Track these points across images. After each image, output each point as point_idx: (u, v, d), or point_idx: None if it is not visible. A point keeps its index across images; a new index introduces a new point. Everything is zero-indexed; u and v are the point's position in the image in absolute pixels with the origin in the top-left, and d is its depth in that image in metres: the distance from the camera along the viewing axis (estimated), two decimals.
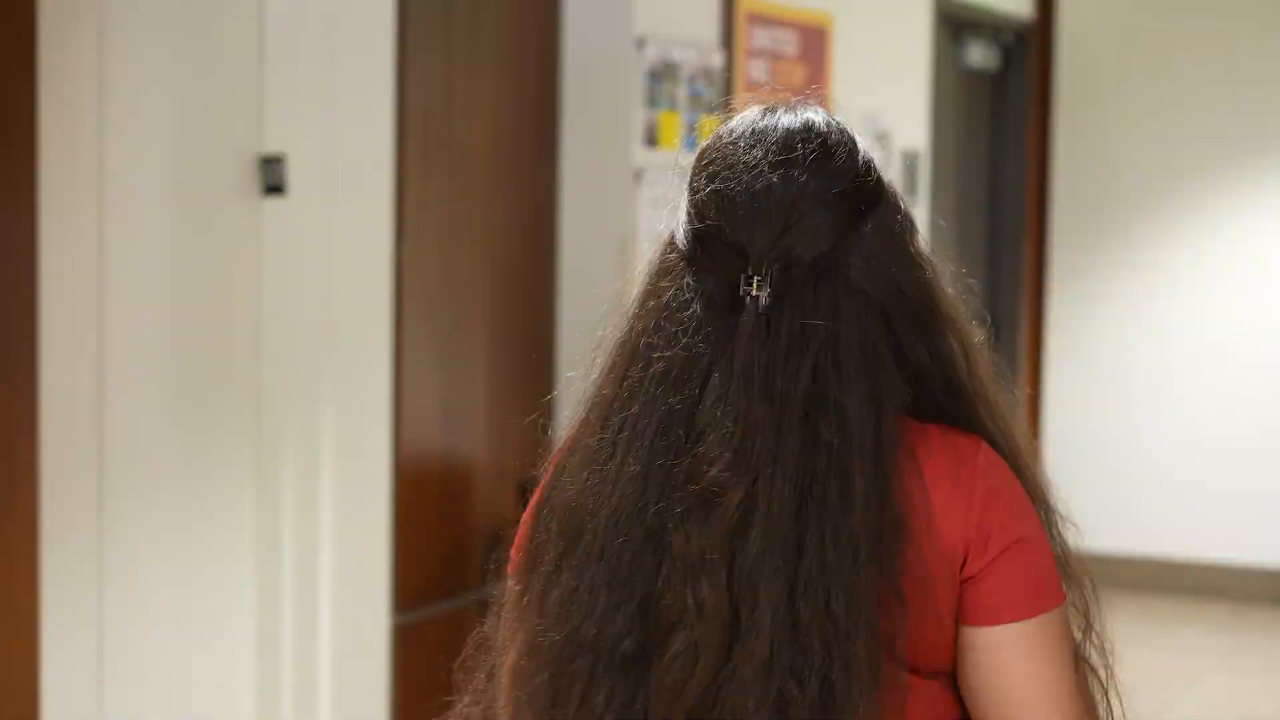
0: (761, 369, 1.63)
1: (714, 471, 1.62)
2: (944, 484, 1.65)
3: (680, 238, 1.73)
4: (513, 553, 1.80)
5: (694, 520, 1.62)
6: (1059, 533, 1.75)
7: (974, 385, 1.74)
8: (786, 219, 1.67)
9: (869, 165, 1.73)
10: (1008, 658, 1.65)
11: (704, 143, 1.76)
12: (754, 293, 1.65)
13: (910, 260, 1.72)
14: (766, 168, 1.69)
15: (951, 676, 1.69)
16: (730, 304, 1.67)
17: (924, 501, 1.64)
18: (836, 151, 1.71)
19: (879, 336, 1.67)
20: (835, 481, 1.61)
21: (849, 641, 1.58)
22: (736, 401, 1.63)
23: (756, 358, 1.64)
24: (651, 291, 1.73)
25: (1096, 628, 1.76)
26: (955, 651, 1.67)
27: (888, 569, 1.60)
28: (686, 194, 1.74)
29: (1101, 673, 1.76)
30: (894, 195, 1.75)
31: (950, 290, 1.76)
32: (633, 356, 1.70)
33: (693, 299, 1.68)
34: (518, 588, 1.75)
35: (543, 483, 1.79)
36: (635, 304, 1.75)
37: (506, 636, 1.76)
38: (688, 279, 1.70)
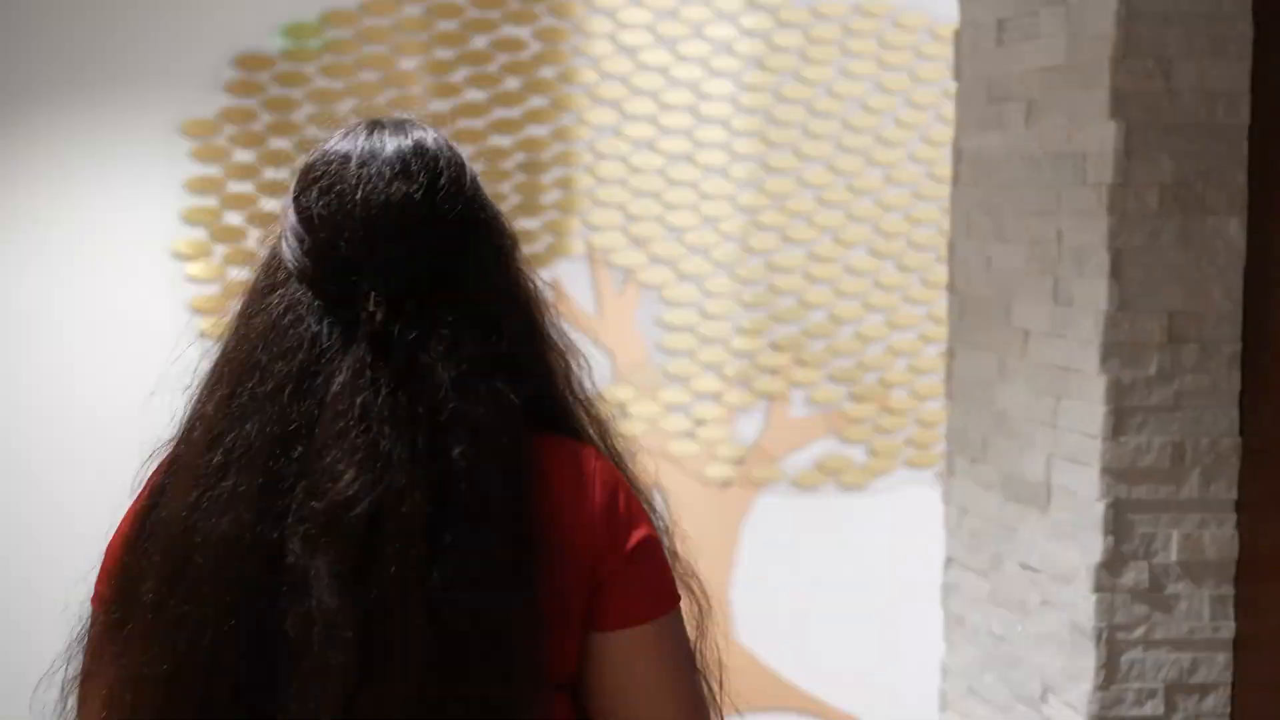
0: (382, 384, 1.62)
1: (339, 486, 1.58)
2: (568, 493, 1.68)
3: (288, 254, 1.70)
4: (97, 584, 1.73)
5: (317, 538, 1.58)
6: (667, 538, 1.76)
7: (580, 397, 1.77)
8: (402, 237, 1.66)
9: (476, 183, 1.74)
10: (635, 658, 1.67)
11: (308, 157, 1.73)
12: (371, 309, 1.64)
13: (517, 276, 1.75)
14: (381, 184, 1.67)
15: (572, 687, 1.69)
16: (347, 321, 1.65)
17: (553, 512, 1.65)
18: (448, 170, 1.70)
19: (496, 350, 1.68)
20: (470, 495, 1.60)
21: (507, 656, 1.58)
22: (361, 417, 1.61)
23: (379, 373, 1.62)
24: (259, 308, 1.69)
25: (707, 632, 1.78)
26: (580, 658, 1.68)
27: (528, 582, 1.61)
28: (292, 210, 1.71)
29: (712, 677, 1.76)
30: (497, 212, 1.76)
31: (550, 307, 1.78)
32: (241, 374, 1.66)
33: (306, 316, 1.66)
34: (111, 618, 1.66)
35: (134, 507, 1.72)
36: (240, 321, 1.70)
37: (94, 668, 1.68)
38: (300, 296, 1.67)
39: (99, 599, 1.71)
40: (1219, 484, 3.10)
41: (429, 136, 1.72)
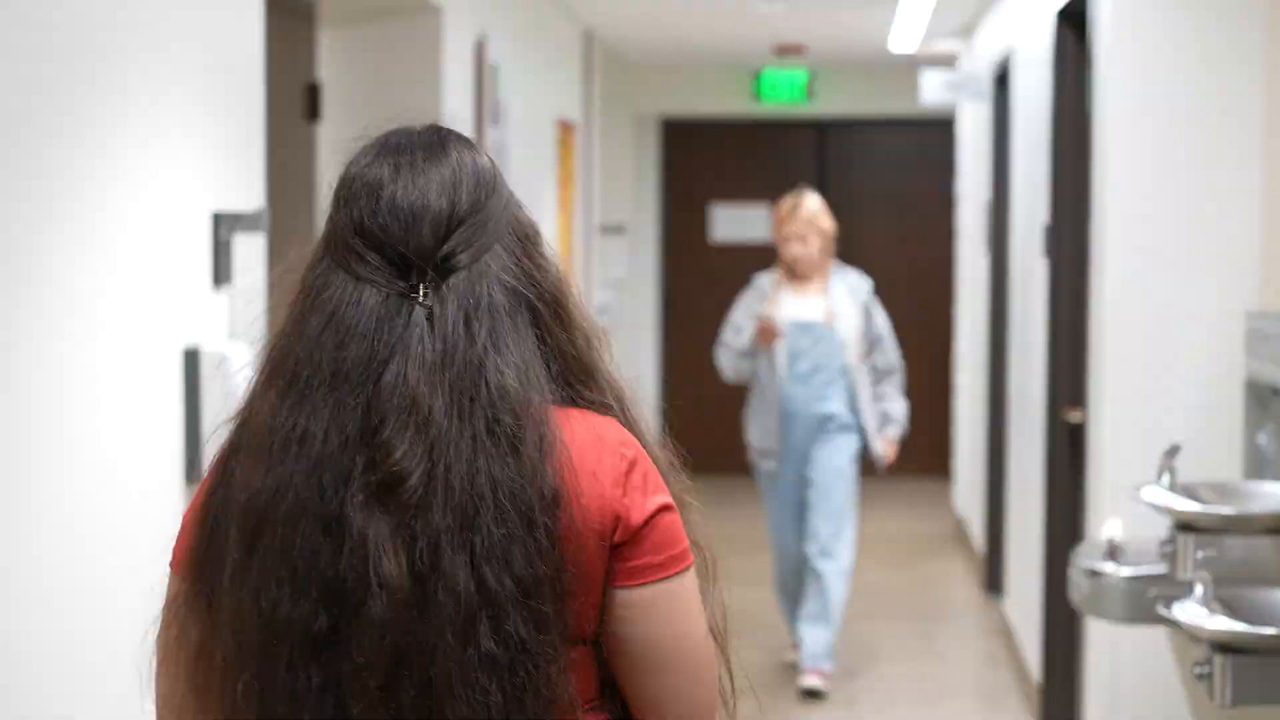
0: (433, 364, 1.84)
1: (395, 457, 1.81)
2: (588, 460, 1.87)
3: (337, 247, 1.90)
4: (177, 550, 1.94)
5: (375, 504, 1.81)
6: (683, 502, 1.96)
7: (605, 373, 1.98)
8: (447, 227, 1.89)
9: (501, 177, 1.97)
10: (657, 612, 1.88)
11: (353, 157, 1.94)
12: (420, 297, 1.87)
13: (544, 261, 1.97)
14: (424, 181, 1.90)
15: (594, 642, 1.89)
16: (396, 307, 1.87)
17: (573, 476, 1.85)
18: (480, 164, 1.94)
19: (528, 330, 1.90)
20: (506, 460, 1.82)
21: (538, 603, 1.80)
22: (413, 394, 1.83)
23: (428, 354, 1.84)
24: (314, 301, 1.88)
25: (714, 587, 1.99)
26: (601, 615, 1.88)
27: (554, 543, 1.82)
28: (342, 205, 1.92)
29: (719, 626, 1.97)
30: (517, 205, 1.98)
31: (573, 289, 1.99)
32: (299, 361, 1.86)
33: (359, 304, 1.86)
34: (190, 587, 1.89)
35: (207, 482, 1.92)
36: (296, 312, 1.90)
37: (187, 635, 1.88)
38: (350, 286, 1.88)
39: (179, 565, 1.91)
40: None
41: (458, 138, 1.95)
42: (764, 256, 11.85)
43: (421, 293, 1.86)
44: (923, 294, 12.62)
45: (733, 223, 12.99)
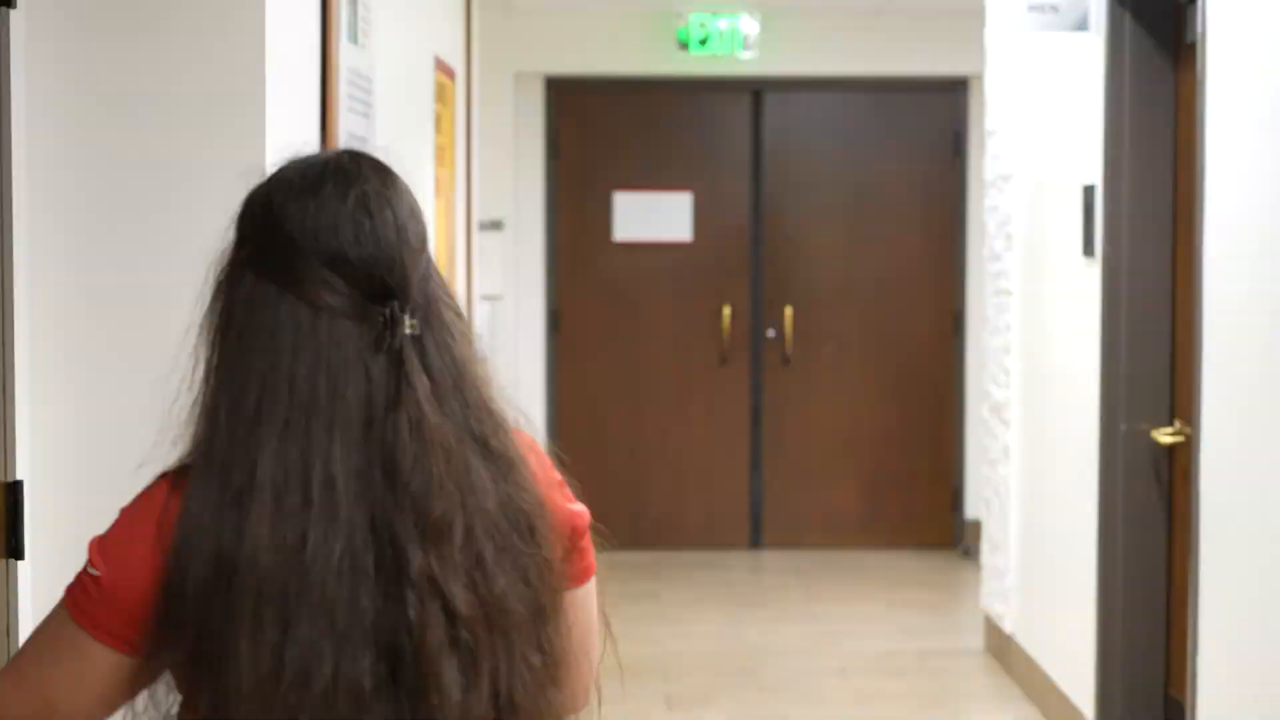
0: (432, 395, 1.86)
1: (439, 499, 1.83)
2: (541, 475, 1.98)
3: (298, 279, 1.84)
4: (117, 624, 1.84)
5: (431, 545, 1.83)
6: None
7: (503, 395, 1.99)
8: (415, 258, 1.89)
9: None
10: (585, 608, 2.04)
11: (288, 185, 1.87)
12: (406, 330, 1.86)
13: (449, 288, 1.96)
14: (393, 212, 1.88)
15: None
16: (372, 339, 1.85)
17: (543, 490, 1.96)
18: (411, 194, 1.93)
19: (473, 352, 1.95)
20: (509, 479, 1.90)
21: (558, 611, 1.94)
22: (432, 430, 1.85)
23: (426, 385, 1.86)
24: (276, 337, 1.84)
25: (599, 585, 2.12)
26: None
27: (551, 558, 1.94)
28: (307, 236, 1.85)
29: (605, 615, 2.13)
30: None
31: None
32: (290, 405, 1.82)
33: (339, 342, 1.84)
34: (150, 663, 1.84)
35: (171, 540, 1.82)
36: (264, 359, 1.83)
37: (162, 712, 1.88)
38: (324, 322, 1.84)
39: (124, 644, 1.84)
40: None
41: (399, 179, 1.93)
42: (682, 259, 9.33)
43: (407, 324, 1.85)
44: (890, 312, 9.61)
45: (642, 216, 9.84)
